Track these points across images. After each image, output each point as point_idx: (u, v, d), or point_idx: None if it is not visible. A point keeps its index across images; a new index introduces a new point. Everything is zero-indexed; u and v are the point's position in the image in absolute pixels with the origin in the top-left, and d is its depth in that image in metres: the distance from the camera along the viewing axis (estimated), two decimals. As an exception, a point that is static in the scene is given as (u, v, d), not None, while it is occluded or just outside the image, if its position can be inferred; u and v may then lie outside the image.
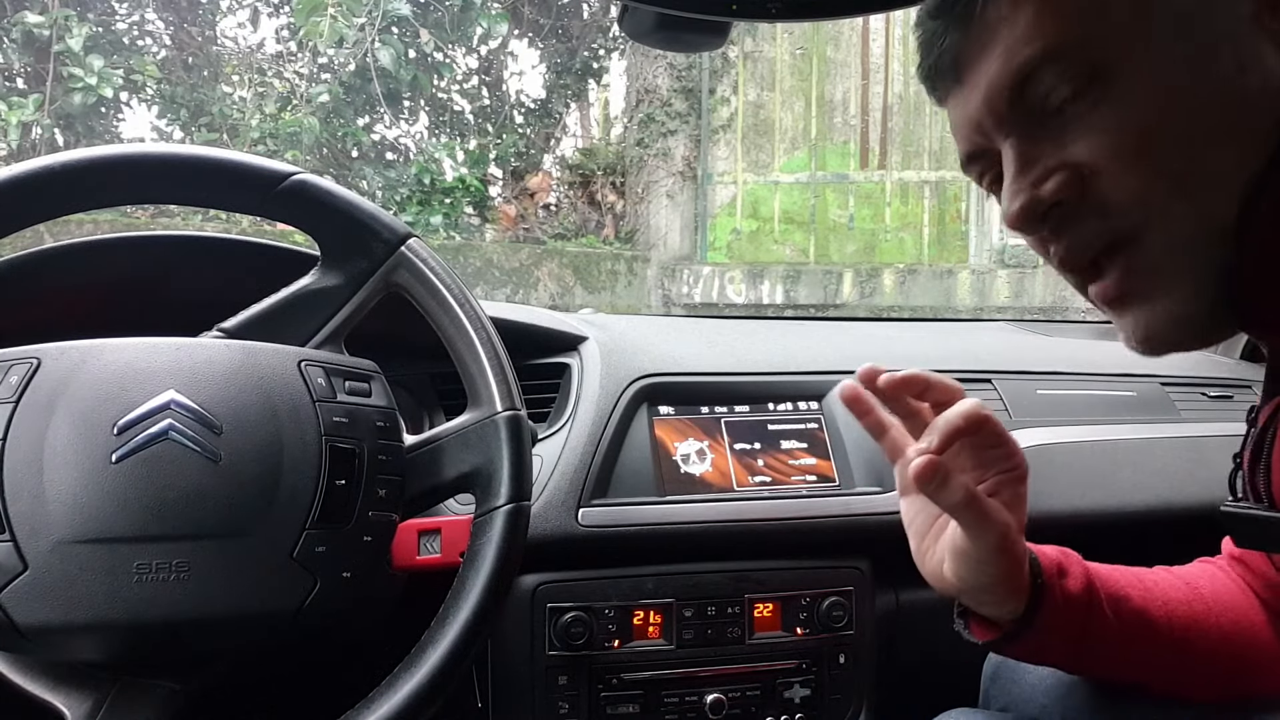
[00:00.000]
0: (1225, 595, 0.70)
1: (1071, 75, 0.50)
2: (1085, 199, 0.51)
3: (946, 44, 0.54)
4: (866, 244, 5.32)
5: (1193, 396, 1.17)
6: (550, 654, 0.87)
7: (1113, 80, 0.49)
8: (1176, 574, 0.72)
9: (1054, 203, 0.52)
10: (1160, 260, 0.51)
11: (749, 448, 0.97)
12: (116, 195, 0.68)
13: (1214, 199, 0.49)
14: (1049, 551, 0.66)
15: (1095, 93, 0.50)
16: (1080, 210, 0.51)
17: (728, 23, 0.77)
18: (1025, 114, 0.52)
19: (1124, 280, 0.52)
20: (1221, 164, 0.49)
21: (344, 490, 0.63)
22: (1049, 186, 0.52)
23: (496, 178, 5.54)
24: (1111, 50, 0.49)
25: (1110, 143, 0.50)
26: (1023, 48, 0.50)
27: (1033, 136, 0.52)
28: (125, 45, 4.78)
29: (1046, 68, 0.50)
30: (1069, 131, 0.51)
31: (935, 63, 0.56)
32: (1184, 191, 0.49)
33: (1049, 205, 0.52)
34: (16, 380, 0.59)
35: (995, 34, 0.52)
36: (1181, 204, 0.49)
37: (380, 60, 4.67)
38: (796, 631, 0.92)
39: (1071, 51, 0.49)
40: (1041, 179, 0.52)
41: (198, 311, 0.71)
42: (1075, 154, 0.51)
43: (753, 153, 5.36)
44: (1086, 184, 0.51)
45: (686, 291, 5.02)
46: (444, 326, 0.71)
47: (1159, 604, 0.67)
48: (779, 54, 5.38)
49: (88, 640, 0.59)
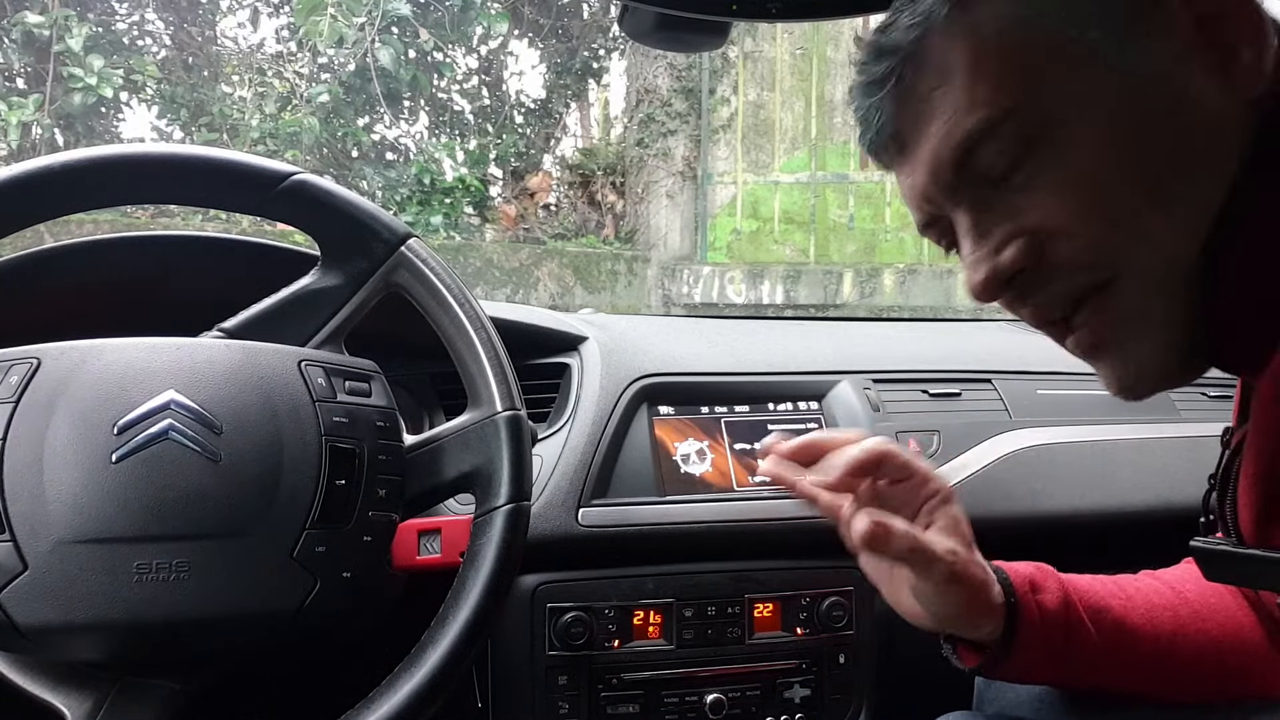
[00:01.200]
0: (1212, 597, 0.69)
1: (1013, 142, 0.49)
2: (1045, 262, 0.50)
3: (883, 118, 0.54)
4: (866, 244, 5.32)
5: (1193, 396, 1.17)
6: (550, 654, 0.87)
7: (1054, 141, 0.49)
8: (1161, 579, 0.72)
9: (1016, 270, 0.51)
10: (1131, 306, 0.50)
11: (749, 448, 0.97)
12: (116, 195, 0.68)
13: (1175, 237, 0.49)
14: (1022, 569, 0.67)
15: (1039, 155, 0.49)
16: (1042, 273, 0.51)
17: (728, 23, 0.77)
18: (974, 182, 0.51)
19: (1098, 329, 0.52)
20: (1176, 201, 0.48)
21: (344, 490, 0.63)
22: (1007, 255, 0.51)
23: (496, 178, 5.54)
24: (1049, 113, 0.49)
25: (1061, 203, 0.49)
26: (961, 120, 0.50)
27: (984, 204, 0.52)
28: (125, 45, 4.78)
29: (988, 139, 0.49)
30: (1019, 197, 0.50)
31: (875, 136, 0.55)
32: (1143, 235, 0.49)
33: (1012, 273, 0.51)
34: (16, 380, 0.59)
35: (930, 106, 0.51)
36: (1143, 248, 0.49)
37: (380, 60, 4.67)
38: (796, 631, 0.92)
39: (1012, 120, 0.49)
40: (999, 247, 0.51)
41: (198, 311, 0.71)
42: (1029, 219, 0.50)
43: (753, 153, 5.36)
44: (1044, 247, 0.50)
45: (686, 291, 5.02)
46: (444, 326, 0.71)
47: (1141, 612, 0.67)
48: (779, 54, 5.38)
49: (88, 640, 0.59)
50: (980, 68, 0.49)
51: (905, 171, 0.55)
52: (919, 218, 0.57)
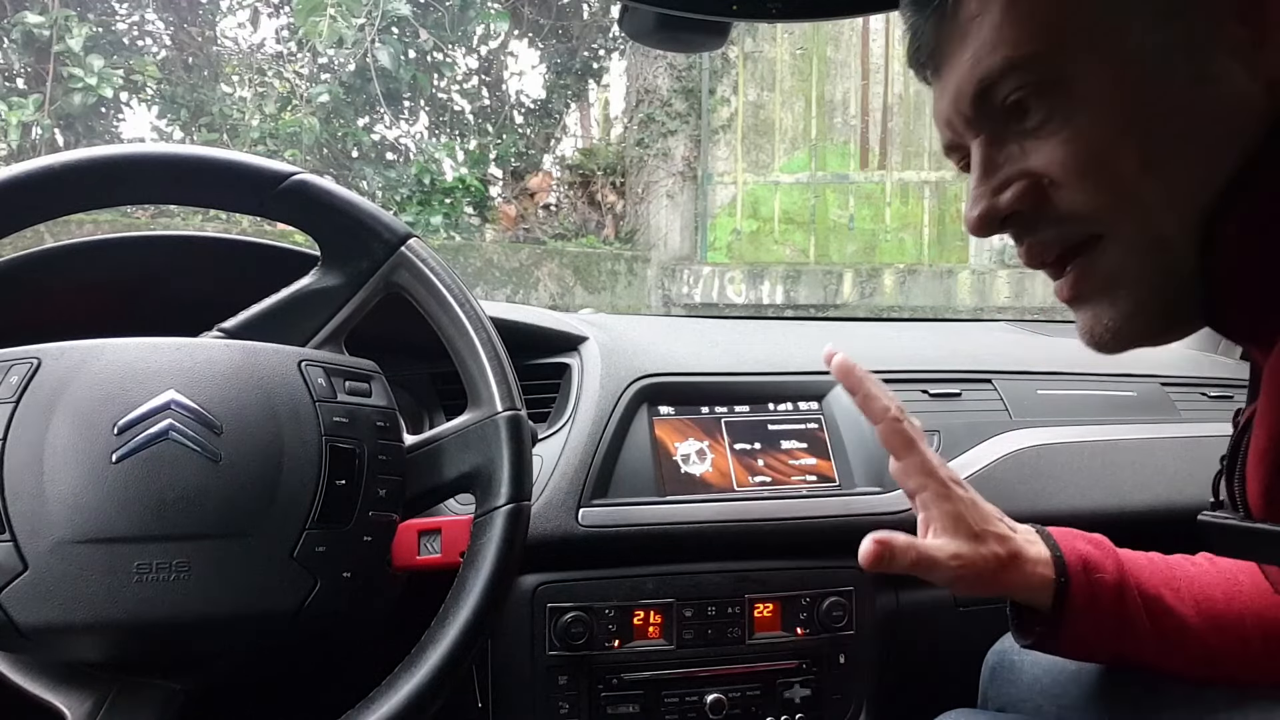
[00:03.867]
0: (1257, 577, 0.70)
1: (1032, 85, 0.50)
2: (1041, 209, 0.52)
3: (925, 37, 0.55)
4: (866, 244, 5.32)
5: (1193, 396, 1.17)
6: (550, 654, 0.87)
7: (1072, 92, 0.50)
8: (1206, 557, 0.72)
9: (1011, 211, 0.53)
10: (1111, 268, 0.51)
11: (749, 448, 0.97)
12: (116, 195, 0.68)
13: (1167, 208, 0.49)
14: (1079, 544, 0.68)
15: (1054, 103, 0.50)
16: (1036, 219, 0.52)
17: (728, 23, 0.77)
18: (990, 117, 0.53)
19: (1078, 283, 0.53)
20: (1177, 179, 0.49)
21: (344, 490, 0.63)
22: (1006, 196, 0.53)
23: (496, 178, 5.54)
24: (1071, 64, 0.49)
25: (1067, 155, 0.50)
26: (987, 55, 0.51)
27: (997, 140, 0.53)
28: (125, 45, 4.78)
29: (1008, 77, 0.50)
30: (1030, 140, 0.51)
31: (917, 53, 0.57)
32: (1138, 206, 0.50)
33: (1006, 214, 0.53)
34: (17, 380, 0.59)
35: (966, 33, 0.52)
36: (1134, 218, 0.50)
37: (380, 60, 4.68)
38: (797, 631, 0.92)
39: (1032, 63, 0.50)
40: (1001, 187, 0.53)
41: (198, 311, 0.71)
42: (1034, 163, 0.51)
43: (753, 153, 5.36)
44: (1044, 194, 0.51)
45: (686, 292, 5.02)
46: (444, 326, 0.71)
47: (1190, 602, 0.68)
48: (779, 54, 5.38)
49: (88, 640, 0.59)
50: (1015, 8, 0.50)
51: (937, 92, 0.56)
52: (943, 138, 0.59)
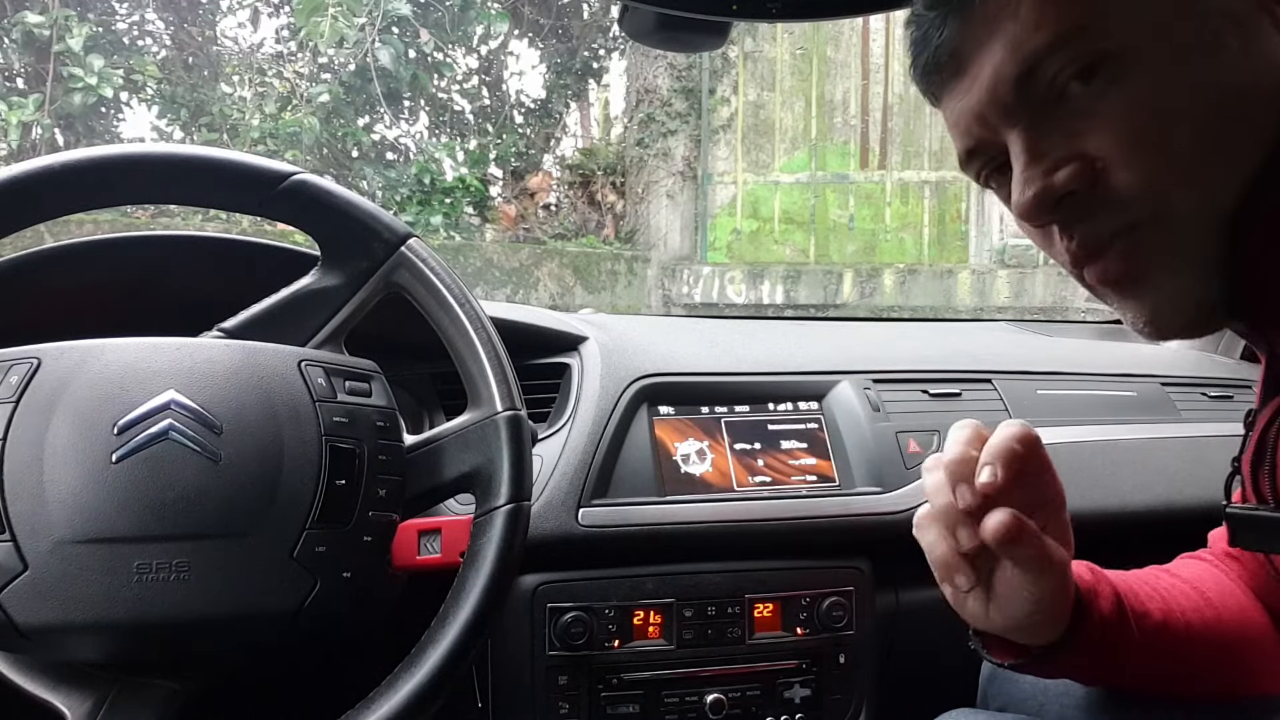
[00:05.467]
0: (1229, 598, 0.69)
1: (1079, 63, 0.49)
2: (1097, 188, 0.50)
3: (945, 35, 0.54)
4: (866, 244, 5.31)
5: (1193, 396, 1.17)
6: (550, 654, 0.87)
7: (1120, 67, 0.49)
8: (1181, 576, 0.71)
9: (1067, 192, 0.51)
10: (1168, 243, 0.50)
11: (749, 448, 0.97)
12: (116, 195, 0.68)
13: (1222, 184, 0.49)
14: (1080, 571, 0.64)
15: (1103, 81, 0.49)
16: (1092, 199, 0.51)
17: (728, 23, 0.77)
18: (1032, 104, 0.51)
19: (1128, 261, 0.51)
20: (1231, 150, 0.49)
21: (344, 490, 0.63)
22: (1061, 176, 0.51)
23: (496, 178, 5.54)
24: (1118, 37, 0.49)
25: (1121, 131, 0.49)
26: (1030, 36, 0.50)
27: (1041, 127, 0.52)
28: (125, 45, 4.78)
29: (1054, 56, 0.49)
30: (1078, 121, 0.50)
31: (933, 55, 0.55)
32: (1195, 178, 0.49)
33: (1061, 195, 0.51)
34: (16, 380, 0.59)
35: (997, 22, 0.51)
36: (1193, 191, 0.49)
37: (380, 60, 4.67)
38: (797, 631, 0.92)
39: (1078, 39, 0.49)
40: (1053, 169, 0.51)
41: (198, 311, 0.71)
42: (1086, 144, 0.50)
43: (753, 153, 5.35)
44: (1098, 174, 0.50)
45: (686, 291, 5.02)
46: (444, 326, 0.71)
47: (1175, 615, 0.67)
48: (779, 54, 5.38)
49: (88, 640, 0.59)
50: None
51: (959, 92, 0.55)
52: (966, 143, 0.56)
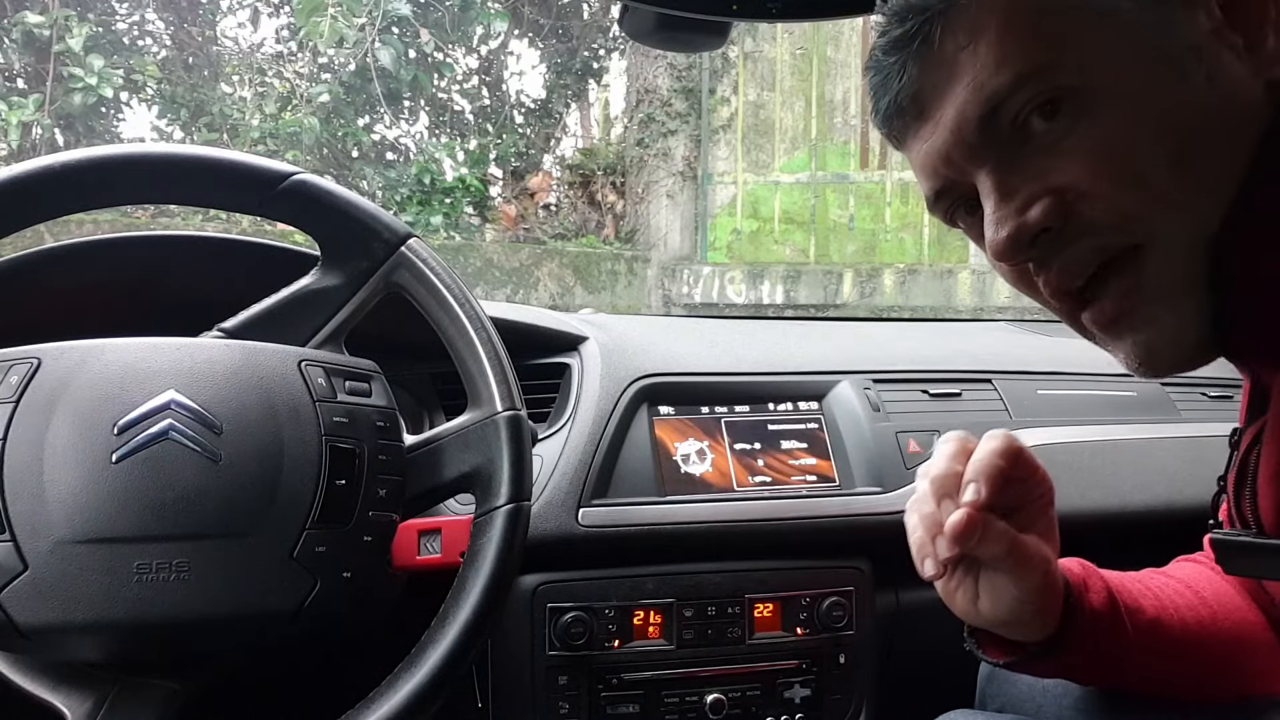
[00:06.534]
0: (1224, 598, 0.69)
1: (1043, 100, 0.49)
2: (1071, 222, 0.50)
3: (905, 80, 0.53)
4: (867, 244, 5.31)
5: (1193, 396, 1.17)
6: (550, 654, 0.87)
7: (1085, 101, 0.49)
8: (1176, 577, 0.71)
9: (1041, 229, 0.51)
10: (1158, 275, 0.50)
11: (749, 448, 0.97)
12: (116, 195, 0.68)
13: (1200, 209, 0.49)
14: (1071, 565, 0.65)
15: (1069, 115, 0.49)
16: (1067, 234, 0.50)
17: (728, 23, 0.77)
18: (999, 143, 0.51)
19: (1123, 300, 0.51)
20: (1206, 175, 0.49)
21: (344, 490, 0.63)
22: (1035, 213, 0.50)
23: (496, 178, 5.54)
24: (1080, 72, 0.49)
25: (1090, 163, 0.49)
26: (991, 76, 0.49)
27: (1009, 165, 0.51)
28: (125, 45, 4.78)
29: (1016, 95, 0.49)
30: (1047, 157, 0.50)
31: (894, 100, 0.54)
32: (1171, 202, 0.48)
33: (1036, 231, 0.51)
34: (16, 380, 0.59)
35: (958, 65, 0.51)
36: (1171, 215, 0.49)
37: (380, 60, 4.67)
38: (797, 631, 0.92)
39: (1040, 77, 0.49)
40: (1025, 206, 0.51)
41: (198, 311, 0.71)
42: (1057, 179, 0.50)
43: (753, 153, 5.35)
44: (1071, 207, 0.50)
45: (686, 291, 5.01)
46: (444, 326, 0.71)
47: (1170, 613, 0.67)
48: (779, 54, 5.38)
49: (88, 640, 0.59)
50: (1013, 26, 0.49)
51: (924, 135, 0.54)
52: (932, 185, 0.56)
